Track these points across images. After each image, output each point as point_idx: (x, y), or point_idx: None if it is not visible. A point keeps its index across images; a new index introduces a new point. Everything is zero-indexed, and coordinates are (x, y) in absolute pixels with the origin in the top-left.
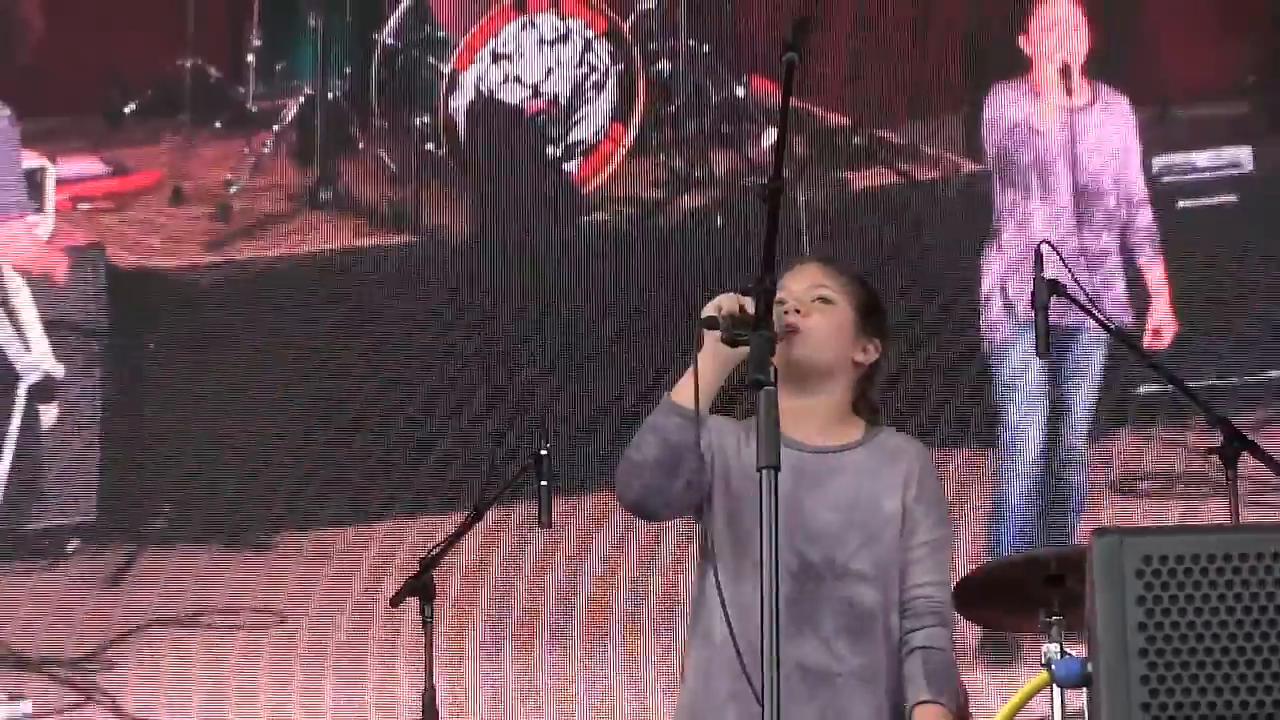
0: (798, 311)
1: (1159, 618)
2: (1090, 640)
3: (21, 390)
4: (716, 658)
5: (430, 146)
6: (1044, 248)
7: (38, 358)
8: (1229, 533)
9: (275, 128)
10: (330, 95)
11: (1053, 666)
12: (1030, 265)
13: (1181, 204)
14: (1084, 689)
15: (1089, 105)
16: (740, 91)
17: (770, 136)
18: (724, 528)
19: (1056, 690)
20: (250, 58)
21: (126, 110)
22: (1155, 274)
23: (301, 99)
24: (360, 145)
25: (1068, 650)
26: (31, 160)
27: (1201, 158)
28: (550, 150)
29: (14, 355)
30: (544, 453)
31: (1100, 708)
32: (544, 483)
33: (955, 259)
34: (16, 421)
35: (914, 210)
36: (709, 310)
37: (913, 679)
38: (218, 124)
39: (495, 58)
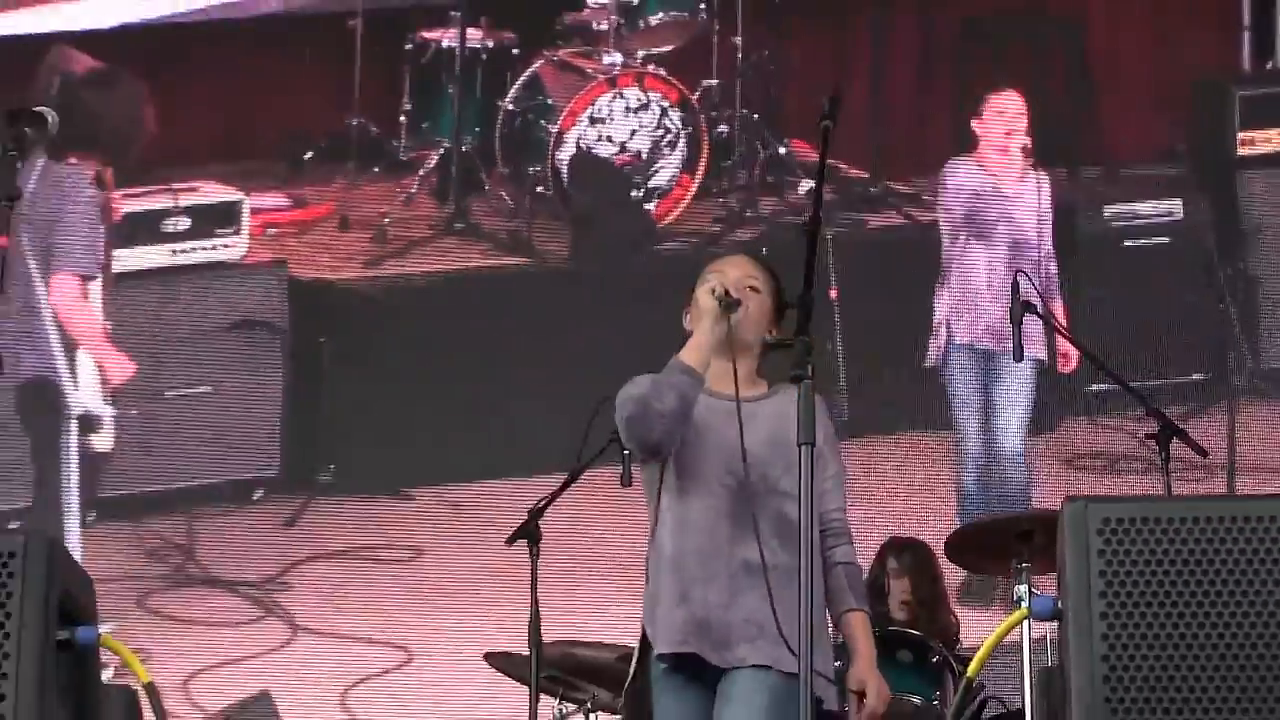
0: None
1: (1116, 567)
2: (1060, 584)
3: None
4: (666, 565)
5: (540, 189)
6: (1020, 276)
7: (84, 397)
8: (1170, 501)
9: (420, 172)
10: (464, 148)
11: (1030, 603)
12: (972, 303)
13: (1126, 243)
14: (1054, 622)
15: (1020, 178)
16: (782, 150)
17: (806, 186)
18: (679, 459)
19: (1025, 624)
20: (402, 118)
21: (306, 157)
22: (1058, 311)
23: (441, 150)
24: (486, 187)
25: (1034, 590)
26: (230, 195)
27: (1143, 207)
28: (634, 193)
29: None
30: None
31: (1068, 637)
32: (626, 451)
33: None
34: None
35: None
36: (716, 290)
37: (839, 592)
38: (376, 169)
39: (592, 121)
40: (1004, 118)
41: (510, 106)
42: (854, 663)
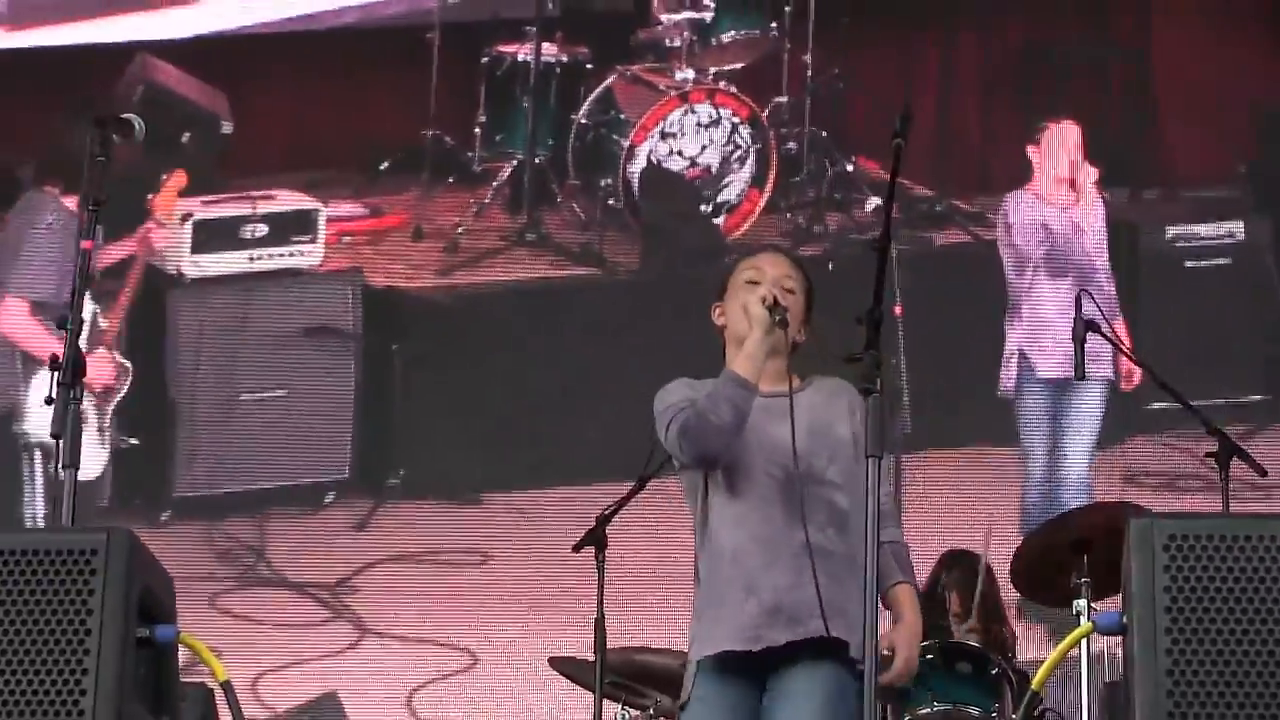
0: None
1: (1181, 583)
2: (1126, 599)
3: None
4: (726, 561)
5: (612, 202)
6: (1082, 294)
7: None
8: (1236, 519)
9: (494, 184)
10: (536, 160)
11: (1095, 617)
12: (1045, 334)
13: (1188, 264)
14: (1119, 636)
15: (1078, 204)
16: (849, 168)
17: (871, 203)
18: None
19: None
20: (477, 130)
21: (382, 167)
22: (1120, 331)
23: (515, 162)
24: (558, 199)
25: (1093, 606)
26: (307, 203)
27: (1204, 229)
28: (703, 207)
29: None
30: None
31: (1134, 652)
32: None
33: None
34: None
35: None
36: (766, 299)
37: (887, 566)
38: (450, 179)
39: (663, 136)
40: (1063, 147)
41: (583, 120)
42: (893, 627)
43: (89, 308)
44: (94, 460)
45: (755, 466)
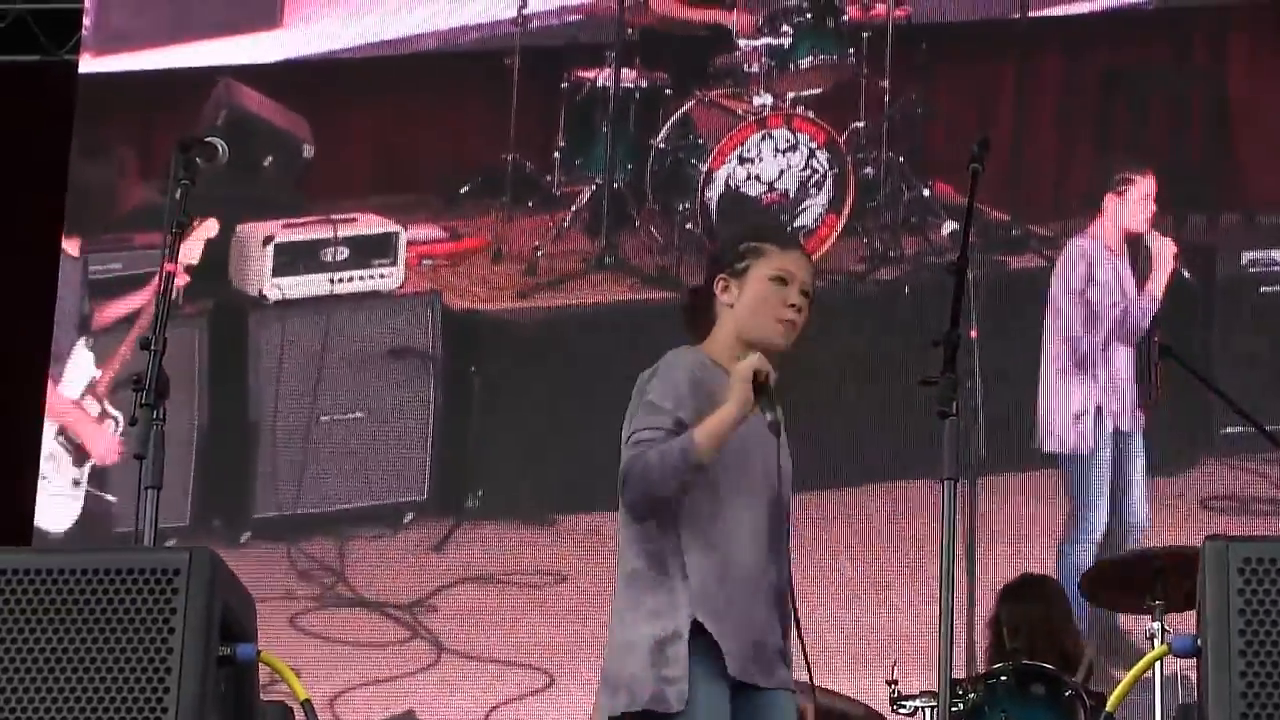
0: (798, 309)
1: (1256, 606)
2: (1200, 622)
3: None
4: (733, 574)
5: (689, 226)
6: (1155, 321)
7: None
8: None
9: (573, 208)
10: (615, 185)
11: (1171, 640)
12: (1118, 390)
13: (1263, 289)
14: (1194, 659)
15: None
16: (925, 192)
17: (948, 227)
18: (733, 470)
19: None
20: (556, 154)
21: (462, 191)
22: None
23: (594, 186)
24: (636, 223)
25: (1167, 629)
26: (387, 226)
27: (1279, 254)
28: None
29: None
30: None
31: (1208, 674)
32: None
33: None
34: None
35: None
36: (757, 368)
37: None
38: (530, 203)
39: (741, 160)
40: (1141, 202)
41: (661, 145)
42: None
43: (87, 357)
44: (63, 510)
45: (759, 484)
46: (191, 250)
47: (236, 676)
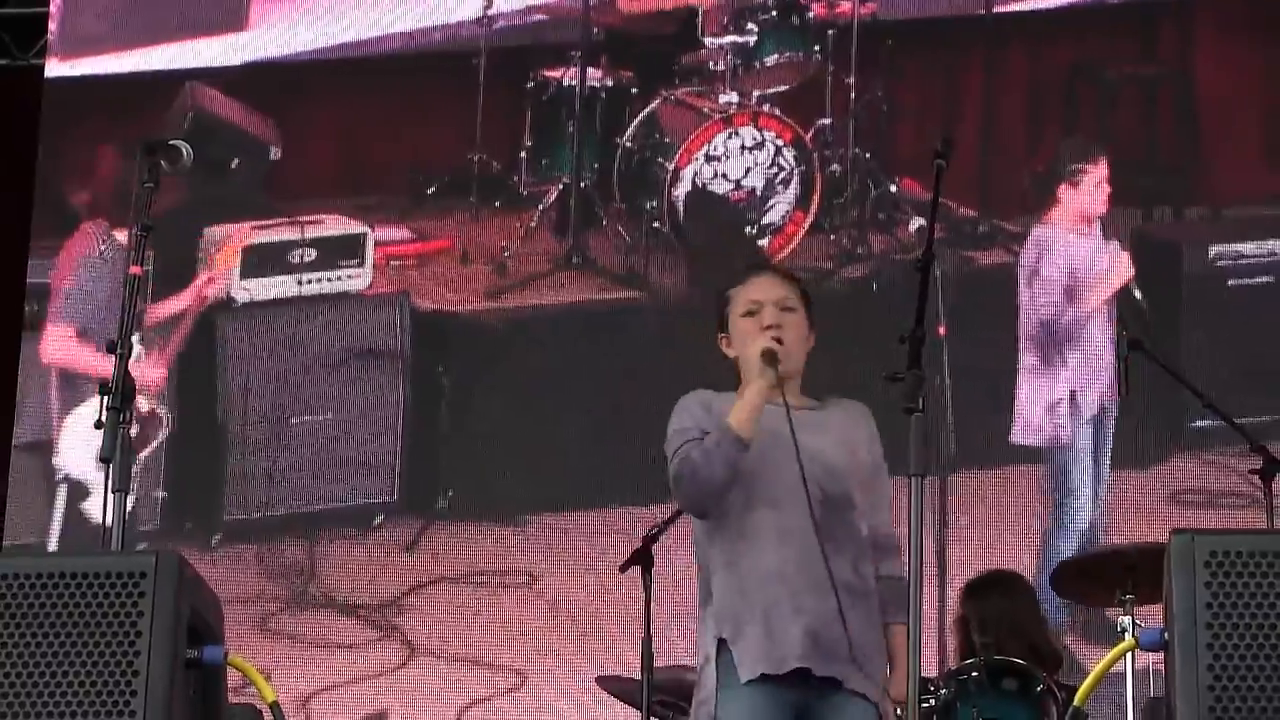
0: (777, 325)
1: (1222, 599)
2: (1167, 615)
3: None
4: (770, 576)
5: (656, 224)
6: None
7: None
8: (1275, 535)
9: (540, 207)
10: (582, 184)
11: (1138, 634)
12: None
13: (1231, 282)
14: (1161, 652)
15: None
16: (893, 189)
17: (915, 224)
18: (760, 469)
19: (1129, 655)
20: (523, 154)
21: (429, 191)
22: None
23: (560, 186)
24: (604, 222)
25: (1137, 622)
26: (355, 227)
27: (1246, 247)
28: (748, 229)
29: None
30: None
31: (1175, 667)
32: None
33: None
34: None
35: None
36: (765, 347)
37: (884, 604)
38: (497, 203)
39: (708, 159)
40: (1095, 190)
41: (628, 144)
42: (889, 676)
43: (138, 350)
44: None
45: (795, 482)
46: (229, 259)
47: (204, 679)
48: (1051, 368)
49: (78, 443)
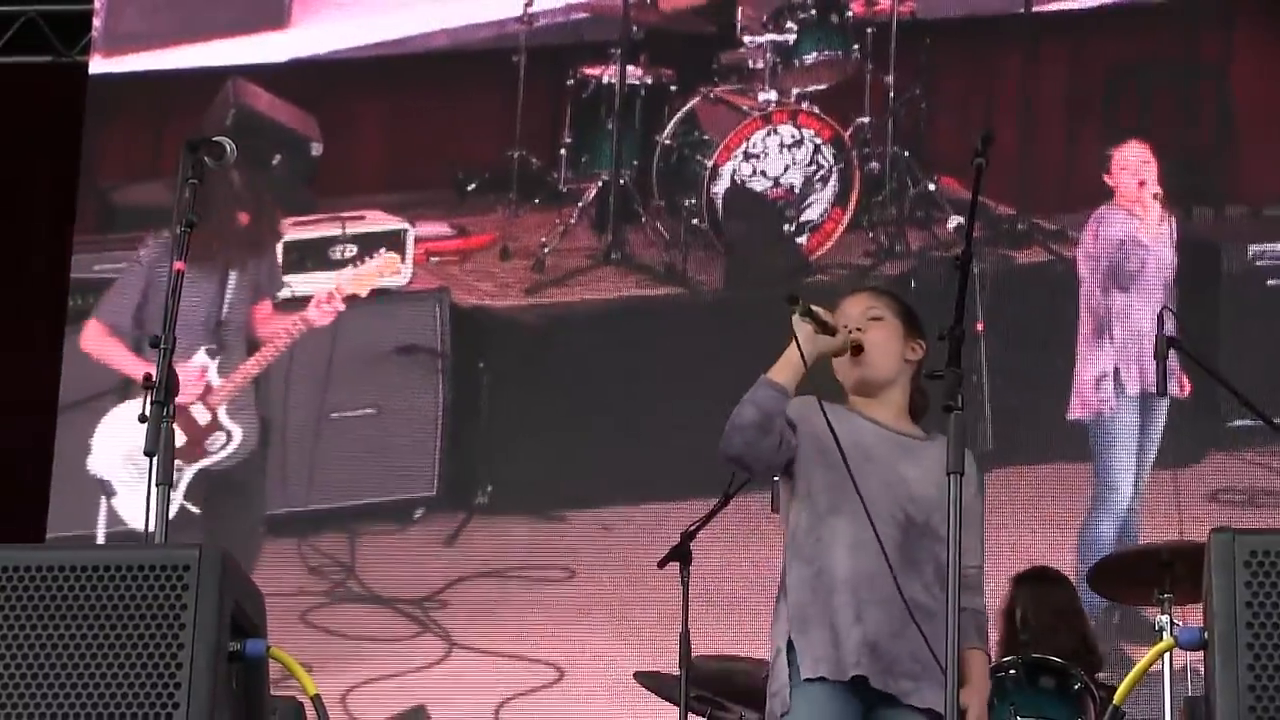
0: (859, 329)
1: (1263, 598)
2: (1207, 614)
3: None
4: (840, 583)
5: (695, 221)
6: (1165, 312)
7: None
8: None
9: (579, 204)
10: (621, 181)
11: (1177, 633)
12: (1137, 352)
13: (1270, 282)
14: (1200, 651)
15: (1159, 224)
16: (931, 187)
17: (954, 222)
18: (819, 476)
19: (1168, 654)
20: (563, 151)
21: (469, 188)
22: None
23: (600, 183)
24: (643, 219)
25: (1175, 621)
26: (396, 223)
27: None
28: (786, 227)
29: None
30: None
31: (1215, 667)
32: (775, 479)
33: None
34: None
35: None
36: (803, 309)
37: (965, 631)
38: (537, 200)
39: (747, 156)
40: (1132, 169)
41: (667, 141)
42: (964, 689)
43: (204, 362)
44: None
45: (879, 501)
46: (363, 280)
47: (247, 672)
48: (1102, 342)
49: (107, 441)
